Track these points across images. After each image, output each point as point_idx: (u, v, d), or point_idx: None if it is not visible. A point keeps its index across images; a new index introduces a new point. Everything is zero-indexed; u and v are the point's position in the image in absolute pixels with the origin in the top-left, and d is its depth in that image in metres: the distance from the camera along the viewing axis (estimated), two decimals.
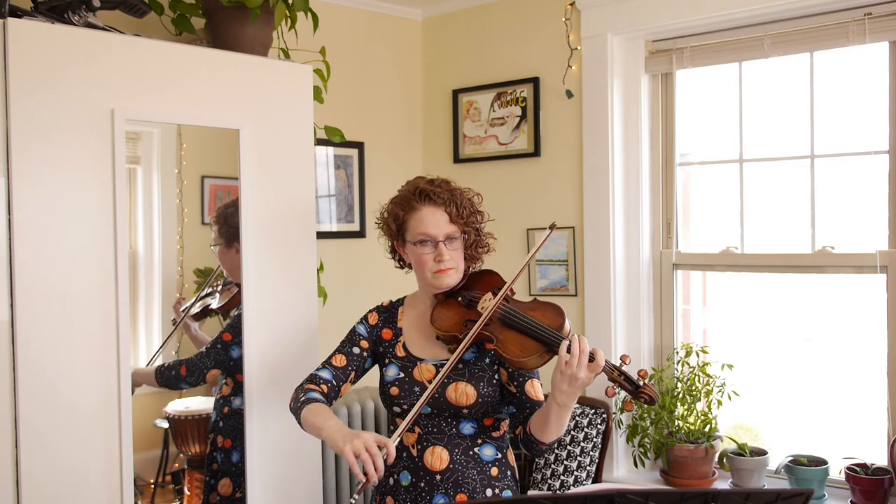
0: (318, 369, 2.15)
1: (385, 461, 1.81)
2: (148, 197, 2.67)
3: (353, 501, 1.84)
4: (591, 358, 1.87)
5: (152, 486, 2.73)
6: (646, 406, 2.75)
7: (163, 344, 2.69)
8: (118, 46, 2.33)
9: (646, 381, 1.89)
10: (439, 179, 2.15)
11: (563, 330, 1.96)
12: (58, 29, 2.23)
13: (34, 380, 2.17)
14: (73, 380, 2.24)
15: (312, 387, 2.09)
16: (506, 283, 2.11)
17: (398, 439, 1.90)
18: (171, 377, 2.60)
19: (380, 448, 1.81)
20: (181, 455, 2.75)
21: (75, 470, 2.25)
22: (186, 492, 2.75)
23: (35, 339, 2.17)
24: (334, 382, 2.12)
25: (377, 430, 3.41)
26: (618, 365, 1.91)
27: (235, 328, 2.61)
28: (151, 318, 2.72)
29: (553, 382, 1.90)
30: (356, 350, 2.18)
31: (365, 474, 1.79)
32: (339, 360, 2.16)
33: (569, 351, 1.87)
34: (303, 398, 2.05)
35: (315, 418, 1.97)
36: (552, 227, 2.13)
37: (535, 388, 2.08)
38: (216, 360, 2.62)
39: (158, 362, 2.65)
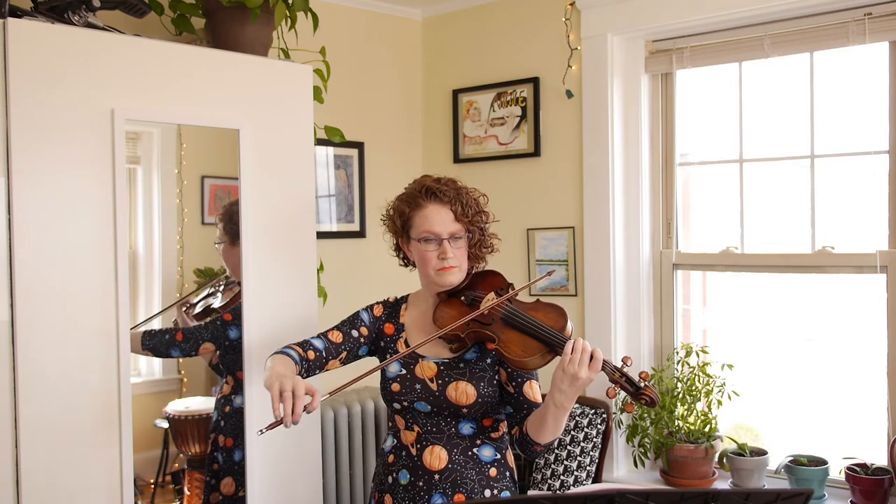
0: (312, 337, 2.16)
1: (306, 410, 1.84)
2: (148, 197, 2.67)
3: (260, 433, 1.87)
4: (591, 358, 1.88)
5: (152, 486, 2.73)
6: (646, 407, 2.75)
7: (158, 313, 2.67)
8: (118, 46, 2.33)
9: (647, 382, 1.90)
10: (446, 178, 2.16)
11: (565, 331, 1.97)
12: (58, 29, 2.23)
13: (34, 380, 2.17)
14: (73, 380, 2.24)
15: (297, 348, 2.10)
16: (509, 283, 2.12)
17: (328, 396, 1.92)
18: (163, 341, 2.59)
19: (309, 395, 1.85)
20: (181, 455, 2.75)
21: (75, 470, 2.25)
22: (186, 492, 2.75)
23: (35, 339, 2.17)
24: (323, 354, 2.12)
25: (377, 431, 3.41)
26: (619, 366, 1.92)
27: (237, 312, 2.61)
28: (151, 319, 2.72)
29: (553, 381, 1.91)
30: (354, 333, 2.19)
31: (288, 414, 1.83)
32: (336, 336, 2.17)
33: (571, 351, 1.88)
34: (279, 350, 2.08)
35: (272, 362, 2.01)
36: (550, 273, 2.20)
37: (534, 390, 2.08)
38: (213, 334, 2.62)
39: (145, 328, 2.64)
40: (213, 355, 2.68)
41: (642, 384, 1.90)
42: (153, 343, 2.58)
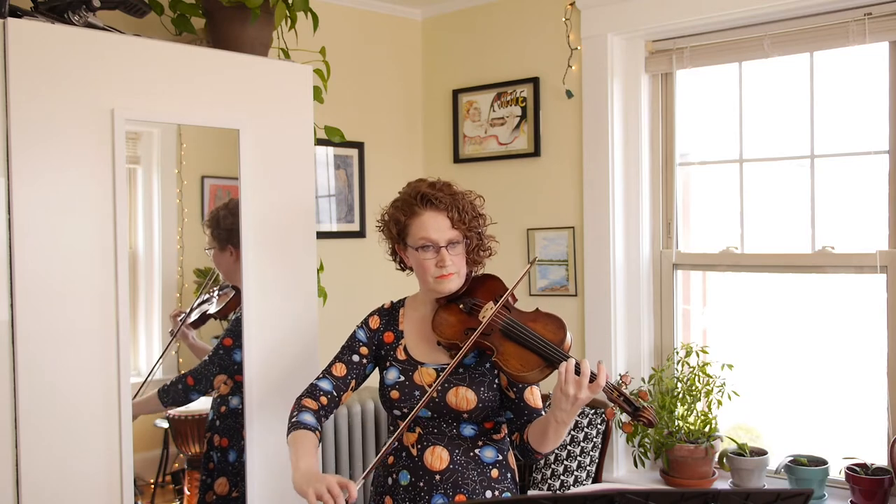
0: (318, 379, 2.15)
1: (347, 502, 1.82)
2: (148, 197, 2.67)
3: None
4: (592, 378, 1.86)
5: (152, 486, 2.73)
6: (644, 427, 2.74)
7: (160, 357, 2.67)
8: (118, 46, 2.33)
9: (645, 403, 1.89)
10: (441, 183, 2.12)
11: (564, 344, 1.95)
12: (58, 29, 2.23)
13: (34, 380, 2.17)
14: (73, 380, 2.24)
15: (309, 403, 2.08)
16: (508, 289, 2.10)
17: (362, 483, 1.90)
18: (178, 392, 2.59)
19: (343, 489, 1.83)
20: (181, 455, 2.75)
21: (75, 470, 2.25)
22: (186, 492, 2.74)
23: (35, 339, 2.17)
24: (334, 393, 2.12)
25: (377, 431, 3.41)
26: (618, 385, 1.91)
27: (235, 332, 2.61)
28: (151, 318, 2.72)
29: (553, 400, 1.90)
30: (356, 358, 2.17)
31: None
32: (339, 370, 2.15)
33: (566, 371, 1.87)
34: (294, 419, 2.04)
35: (293, 450, 1.97)
36: (533, 261, 2.16)
37: (534, 395, 2.08)
38: (220, 365, 2.62)
39: (158, 375, 2.63)
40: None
41: (640, 405, 1.89)
42: (171, 398, 2.59)
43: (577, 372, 1.86)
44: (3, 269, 2.13)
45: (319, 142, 3.20)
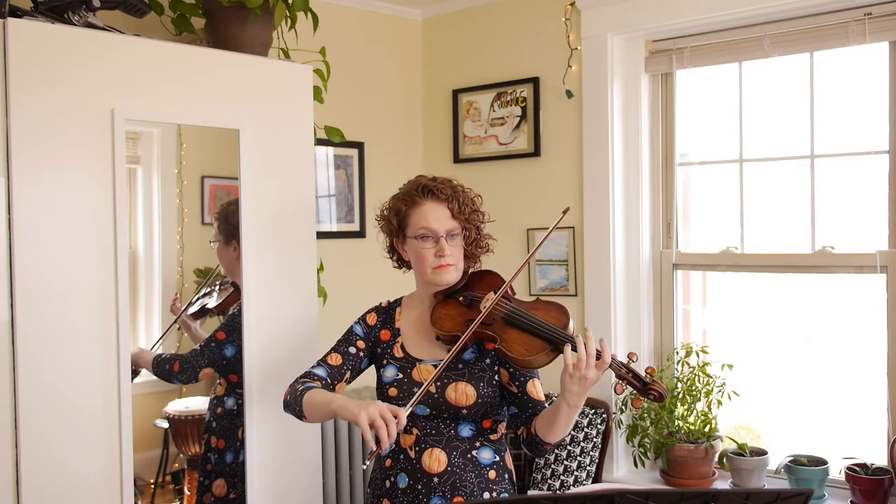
0: (313, 367, 2.15)
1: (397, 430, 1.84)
2: (148, 197, 2.67)
3: (365, 467, 1.94)
4: (598, 355, 1.87)
5: (152, 486, 2.73)
6: (654, 403, 2.73)
7: (164, 333, 2.68)
8: (118, 46, 2.33)
9: (654, 377, 1.90)
10: (442, 178, 2.16)
11: (567, 329, 1.96)
12: (58, 29, 2.23)
13: (34, 380, 2.17)
14: (72, 380, 2.24)
15: (307, 380, 2.09)
16: (506, 281, 2.11)
17: (410, 409, 1.92)
18: (164, 370, 2.60)
19: (393, 416, 1.84)
20: (181, 455, 2.76)
21: (75, 470, 2.25)
22: (186, 492, 2.75)
23: (35, 339, 2.17)
24: (329, 380, 2.12)
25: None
26: (625, 363, 1.91)
27: (230, 327, 2.61)
28: (151, 319, 2.72)
29: (562, 384, 1.90)
30: (352, 350, 2.18)
31: (378, 442, 1.82)
32: (335, 359, 2.16)
33: (575, 351, 1.88)
34: (301, 388, 2.05)
35: (321, 397, 1.98)
36: (565, 211, 2.13)
37: (537, 388, 2.08)
38: (209, 358, 2.62)
39: (160, 350, 2.65)
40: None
41: (649, 379, 1.90)
42: (159, 371, 2.60)
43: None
44: (3, 269, 2.13)
45: (319, 142, 3.21)
